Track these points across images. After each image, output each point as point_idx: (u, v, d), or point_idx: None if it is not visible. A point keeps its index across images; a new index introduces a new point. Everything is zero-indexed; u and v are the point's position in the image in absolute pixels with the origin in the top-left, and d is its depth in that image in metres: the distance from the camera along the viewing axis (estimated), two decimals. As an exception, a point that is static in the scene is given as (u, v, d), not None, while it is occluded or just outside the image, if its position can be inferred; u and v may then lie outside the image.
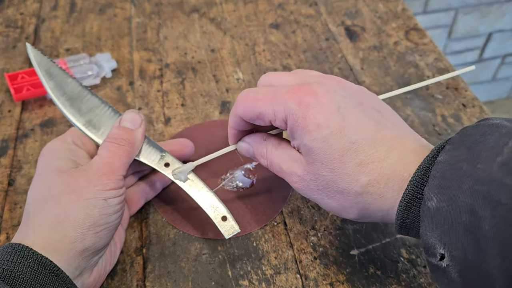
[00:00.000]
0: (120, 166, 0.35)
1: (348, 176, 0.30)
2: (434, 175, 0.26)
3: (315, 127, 0.30)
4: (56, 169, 0.34)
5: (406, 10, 0.62)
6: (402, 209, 0.28)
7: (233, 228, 0.36)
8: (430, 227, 0.26)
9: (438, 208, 0.26)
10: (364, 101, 0.32)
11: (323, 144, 0.30)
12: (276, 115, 0.32)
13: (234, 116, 0.35)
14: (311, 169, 0.31)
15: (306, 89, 0.31)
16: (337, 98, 0.31)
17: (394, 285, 0.36)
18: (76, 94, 0.38)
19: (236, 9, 0.63)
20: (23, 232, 0.32)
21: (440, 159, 0.27)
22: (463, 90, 0.51)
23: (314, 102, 0.31)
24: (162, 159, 0.38)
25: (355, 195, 0.30)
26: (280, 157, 0.34)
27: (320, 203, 0.33)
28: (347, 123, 0.30)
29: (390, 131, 0.31)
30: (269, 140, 0.35)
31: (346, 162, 0.30)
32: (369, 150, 0.30)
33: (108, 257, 0.36)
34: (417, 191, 0.27)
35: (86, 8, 0.63)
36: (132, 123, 0.37)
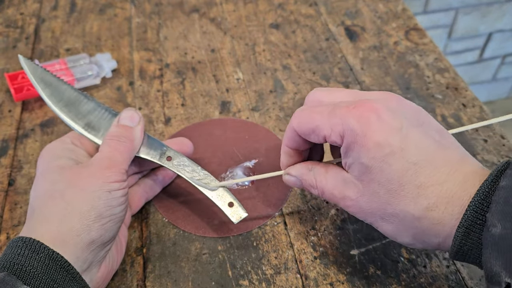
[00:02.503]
0: (121, 161, 0.35)
1: (406, 199, 0.28)
2: (497, 201, 0.26)
3: (375, 145, 0.29)
4: (57, 166, 0.34)
5: (406, 10, 0.62)
6: (461, 235, 0.27)
7: (241, 213, 0.37)
8: (494, 255, 0.25)
9: (502, 235, 0.25)
10: (425, 121, 0.31)
11: (382, 164, 0.29)
12: (332, 129, 0.30)
13: (289, 131, 0.34)
14: (366, 190, 0.30)
15: (367, 106, 0.30)
16: (399, 117, 0.30)
17: (394, 285, 0.36)
18: (73, 99, 0.39)
19: (236, 9, 0.63)
20: (30, 227, 0.32)
21: (503, 184, 0.26)
22: (463, 90, 0.51)
23: (375, 119, 0.29)
24: (164, 154, 0.38)
25: (412, 219, 0.29)
26: (330, 183, 0.32)
27: (375, 225, 0.31)
28: (408, 143, 0.29)
29: (451, 153, 0.30)
30: (316, 168, 0.34)
31: (405, 184, 0.28)
32: (430, 172, 0.28)
33: (115, 254, 0.36)
34: (477, 217, 0.26)
35: (86, 8, 0.63)
36: (131, 120, 0.37)
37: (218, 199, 0.37)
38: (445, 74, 0.53)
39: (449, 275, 0.37)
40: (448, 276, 0.37)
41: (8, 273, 0.29)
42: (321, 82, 0.53)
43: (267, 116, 0.49)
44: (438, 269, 0.37)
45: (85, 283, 0.31)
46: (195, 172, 0.38)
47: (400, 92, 0.51)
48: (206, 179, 0.38)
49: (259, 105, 0.50)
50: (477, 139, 0.46)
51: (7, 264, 0.29)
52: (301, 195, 0.42)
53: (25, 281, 0.29)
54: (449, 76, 0.53)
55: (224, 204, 0.37)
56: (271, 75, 0.54)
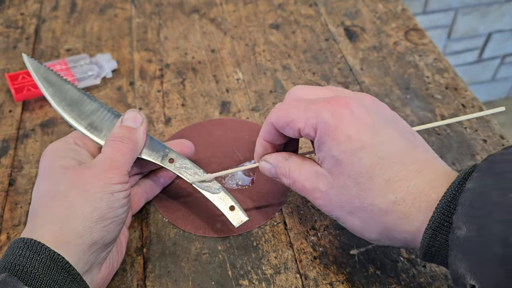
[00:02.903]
0: (124, 162, 0.35)
1: (374, 192, 0.29)
2: (462, 203, 0.26)
3: (346, 139, 0.30)
4: (60, 167, 0.34)
5: (406, 10, 0.62)
6: (428, 236, 0.27)
7: (242, 217, 0.37)
8: (459, 257, 0.25)
9: (467, 237, 0.25)
10: (397, 122, 0.32)
11: (352, 157, 0.29)
12: (306, 123, 0.31)
13: (266, 124, 0.35)
14: (336, 182, 0.31)
15: (342, 101, 0.31)
16: (372, 114, 0.31)
17: (394, 284, 0.36)
18: (76, 99, 0.39)
19: (236, 10, 0.63)
20: (31, 228, 0.32)
21: (469, 186, 0.26)
22: (462, 90, 0.52)
23: (348, 114, 0.30)
24: (166, 156, 0.38)
25: (379, 212, 0.29)
26: (303, 174, 0.33)
27: (342, 221, 0.32)
28: (379, 139, 0.30)
29: (421, 152, 0.30)
30: (292, 158, 0.35)
31: (374, 177, 0.29)
32: (399, 168, 0.29)
33: (116, 255, 0.36)
34: (444, 219, 0.27)
35: (87, 9, 0.64)
36: (134, 122, 0.37)
37: (220, 202, 0.37)
38: (444, 74, 0.53)
39: (448, 275, 0.37)
40: (448, 275, 0.37)
41: (9, 274, 0.29)
42: (321, 82, 0.53)
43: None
44: (437, 269, 0.37)
45: (86, 284, 0.31)
46: (197, 175, 0.38)
47: (400, 93, 0.51)
48: (207, 182, 0.38)
49: (259, 105, 0.51)
50: (476, 139, 0.46)
51: (8, 265, 0.29)
52: (301, 195, 0.42)
53: (26, 282, 0.29)
54: (449, 76, 0.53)
55: (226, 207, 0.37)
56: (271, 76, 0.54)
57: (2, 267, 0.29)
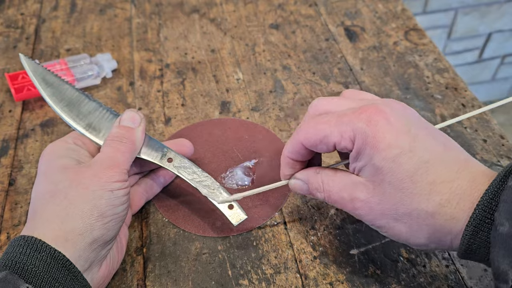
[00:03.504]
0: (123, 161, 0.35)
1: (419, 196, 0.29)
2: (505, 200, 0.26)
3: (385, 146, 0.30)
4: (60, 166, 0.35)
5: (406, 10, 0.62)
6: (469, 233, 0.28)
7: (240, 215, 0.37)
8: (502, 253, 0.26)
9: (510, 234, 0.25)
10: (428, 126, 0.32)
11: (393, 164, 0.29)
12: (342, 136, 0.31)
13: (296, 143, 0.34)
14: (378, 191, 0.31)
15: (374, 109, 0.31)
16: (406, 119, 0.31)
17: (393, 284, 0.36)
18: (74, 99, 0.39)
19: (236, 10, 0.63)
20: (32, 226, 0.32)
21: (511, 184, 0.26)
22: (462, 90, 0.52)
23: (384, 122, 0.30)
24: (165, 155, 0.38)
25: (425, 216, 0.29)
26: (338, 185, 0.33)
27: (386, 229, 0.32)
28: (417, 144, 0.30)
29: (458, 154, 0.31)
30: (323, 171, 0.34)
31: (417, 182, 0.29)
32: (441, 170, 0.29)
33: (116, 254, 0.36)
34: (485, 216, 0.27)
35: (87, 9, 0.64)
36: (132, 121, 0.38)
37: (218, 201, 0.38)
38: (444, 74, 0.53)
39: (448, 275, 0.37)
40: (448, 275, 0.37)
41: (10, 271, 0.29)
42: (321, 82, 0.53)
43: (267, 116, 0.49)
44: (437, 269, 0.37)
45: (86, 282, 0.32)
46: (195, 174, 0.38)
47: (400, 92, 0.51)
48: (206, 181, 0.38)
49: (259, 105, 0.51)
50: (476, 139, 0.46)
51: (9, 263, 0.29)
52: (301, 195, 0.42)
53: (27, 280, 0.29)
54: (449, 76, 0.53)
55: (224, 206, 0.37)
56: (271, 75, 0.54)
57: (3, 265, 0.29)
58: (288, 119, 0.49)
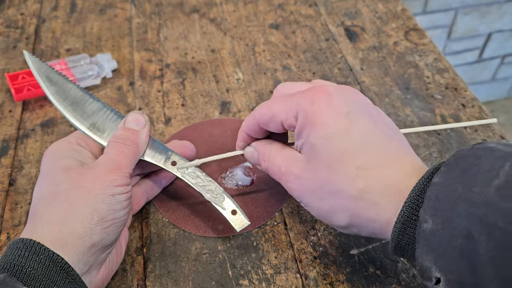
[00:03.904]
0: (126, 164, 0.35)
1: (345, 178, 0.30)
2: (429, 197, 0.26)
3: (321, 124, 0.31)
4: (62, 167, 0.34)
5: (406, 10, 0.62)
6: (398, 230, 0.28)
7: (244, 221, 0.37)
8: (425, 250, 0.26)
9: (433, 230, 0.25)
10: (375, 115, 0.32)
11: (326, 142, 0.30)
12: (287, 114, 0.32)
13: (251, 119, 0.36)
14: (310, 166, 0.31)
15: (319, 90, 0.32)
16: (349, 104, 0.31)
17: (393, 284, 0.36)
18: (78, 98, 0.39)
19: (236, 10, 0.63)
20: (32, 228, 0.32)
21: (435, 180, 0.27)
22: (462, 90, 0.52)
23: (326, 103, 0.31)
24: (169, 158, 0.38)
25: (349, 198, 0.30)
26: (280, 158, 0.34)
27: (311, 206, 0.33)
28: (354, 127, 0.30)
29: (395, 146, 0.31)
30: (274, 144, 0.36)
31: (345, 163, 0.30)
32: (370, 157, 0.30)
33: (115, 256, 0.36)
34: (412, 212, 0.27)
35: (87, 9, 0.64)
36: (136, 124, 0.37)
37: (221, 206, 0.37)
38: (444, 74, 0.53)
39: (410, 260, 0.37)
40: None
41: (8, 274, 0.29)
42: (321, 82, 0.53)
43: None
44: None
45: (84, 285, 0.31)
46: (199, 178, 0.38)
47: (400, 92, 0.51)
48: (210, 186, 0.38)
49: (259, 105, 0.51)
50: (476, 139, 0.46)
51: (7, 266, 0.29)
52: (301, 195, 0.42)
53: (25, 283, 0.29)
54: (449, 76, 0.53)
55: (228, 212, 0.37)
56: (271, 76, 0.54)
57: (1, 267, 0.29)
58: (288, 119, 0.49)
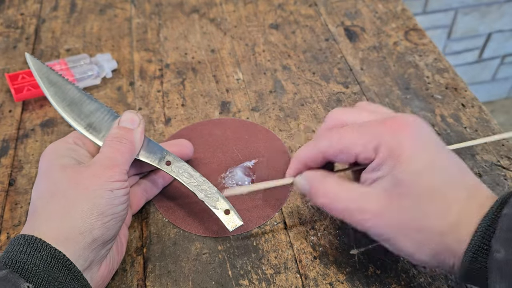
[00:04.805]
0: (123, 162, 0.36)
1: (434, 215, 0.29)
2: (501, 228, 0.27)
3: (408, 159, 0.30)
4: (59, 166, 0.35)
5: (406, 10, 0.62)
6: (468, 259, 0.28)
7: (236, 221, 0.37)
8: (498, 279, 0.26)
9: (506, 260, 0.26)
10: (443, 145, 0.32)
11: (416, 177, 0.30)
12: (365, 146, 0.31)
13: (316, 152, 0.34)
14: (393, 204, 0.30)
15: (400, 122, 0.31)
16: (428, 136, 0.31)
17: (393, 284, 0.36)
18: (76, 99, 0.39)
19: (236, 10, 0.63)
20: (32, 225, 0.32)
21: (505, 212, 0.27)
22: (462, 90, 0.52)
23: (408, 136, 0.31)
24: (164, 158, 0.38)
25: (435, 235, 0.29)
26: (345, 195, 0.32)
27: (392, 242, 0.31)
28: (438, 162, 0.30)
29: (471, 177, 0.31)
30: (331, 177, 0.34)
31: (434, 200, 0.29)
32: (456, 192, 0.30)
33: (116, 254, 0.36)
34: (483, 242, 0.28)
35: (87, 9, 0.64)
36: (131, 123, 0.38)
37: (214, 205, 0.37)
38: (444, 74, 0.53)
39: (448, 275, 0.37)
40: (448, 276, 0.37)
41: (11, 270, 0.29)
42: (321, 82, 0.53)
43: (267, 116, 0.49)
44: (437, 269, 0.37)
45: (86, 281, 0.32)
46: (193, 178, 0.38)
47: (400, 93, 0.51)
48: (204, 186, 0.38)
49: (259, 105, 0.51)
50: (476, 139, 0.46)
51: (9, 262, 0.29)
52: (300, 195, 0.42)
53: (27, 279, 0.29)
54: (449, 76, 0.53)
55: (221, 211, 0.37)
56: (271, 76, 0.54)
57: (3, 263, 0.29)
58: (288, 119, 0.49)
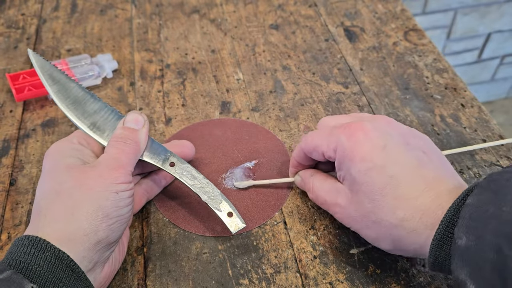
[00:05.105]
0: (128, 162, 0.36)
1: (386, 209, 0.32)
2: (463, 216, 0.29)
3: (360, 160, 0.33)
4: (64, 165, 0.35)
5: (405, 10, 0.62)
6: (435, 247, 0.30)
7: (239, 224, 0.37)
8: (460, 264, 0.28)
9: (467, 246, 0.28)
10: (411, 141, 0.35)
11: (366, 177, 0.33)
12: (328, 146, 0.36)
13: (299, 149, 0.39)
14: (354, 199, 0.34)
15: (357, 126, 0.35)
16: (384, 136, 0.34)
17: (393, 284, 0.37)
18: (80, 97, 0.39)
19: (236, 10, 0.63)
20: (36, 225, 0.32)
21: (469, 201, 0.29)
22: (462, 90, 0.52)
23: (362, 138, 0.34)
24: (168, 159, 0.38)
25: (390, 226, 0.32)
26: (324, 190, 0.38)
27: (360, 233, 0.35)
28: (389, 160, 0.33)
29: (430, 171, 0.33)
30: (316, 175, 0.39)
31: (385, 195, 0.32)
32: (407, 187, 0.32)
33: (118, 254, 0.36)
34: (448, 231, 0.29)
35: (87, 9, 0.64)
36: (136, 123, 0.38)
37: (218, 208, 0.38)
38: (444, 75, 0.54)
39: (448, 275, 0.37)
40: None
41: (15, 271, 0.29)
42: (321, 82, 0.53)
43: (267, 116, 0.50)
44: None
45: (89, 282, 0.32)
46: (196, 180, 0.38)
47: (399, 93, 0.52)
48: (207, 188, 0.38)
49: (259, 106, 0.51)
50: (476, 139, 0.47)
51: (13, 262, 0.29)
52: (300, 195, 0.43)
53: (31, 280, 0.29)
54: (448, 76, 0.53)
55: (224, 213, 0.37)
56: (271, 76, 0.54)
57: (7, 264, 0.30)
58: (288, 119, 0.49)
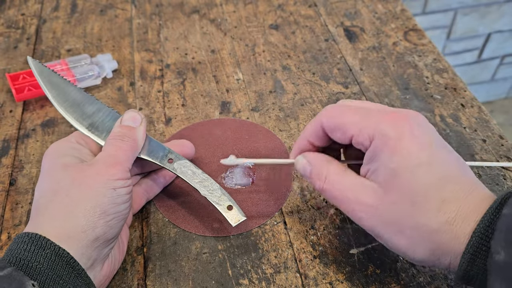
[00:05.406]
0: (125, 159, 0.36)
1: (429, 212, 0.29)
2: (500, 229, 0.26)
3: (406, 153, 0.29)
4: (62, 164, 0.35)
5: (405, 10, 0.62)
6: (466, 261, 0.28)
7: (239, 216, 0.37)
8: (499, 281, 0.26)
9: (506, 262, 0.26)
10: (447, 144, 0.32)
11: (411, 174, 0.29)
12: (361, 131, 0.31)
13: (315, 122, 0.34)
14: (388, 199, 0.30)
15: (403, 115, 0.31)
16: (430, 133, 0.31)
17: (393, 284, 0.36)
18: (78, 100, 0.40)
19: (236, 10, 0.63)
20: (35, 223, 0.33)
21: (505, 212, 0.27)
22: (462, 90, 0.52)
23: (409, 130, 0.30)
24: (166, 156, 0.39)
25: (431, 232, 0.29)
26: (345, 183, 0.32)
27: (385, 238, 0.31)
28: (436, 158, 0.30)
29: (470, 174, 0.31)
30: (334, 163, 0.33)
31: (430, 197, 0.29)
32: (453, 189, 0.29)
33: (117, 254, 0.36)
34: (482, 243, 0.27)
35: (87, 9, 0.64)
36: (133, 121, 0.38)
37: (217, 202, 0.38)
38: (444, 75, 0.54)
39: (448, 275, 0.37)
40: (447, 275, 0.37)
41: (15, 268, 0.29)
42: (321, 82, 0.53)
43: (267, 116, 0.50)
44: (436, 269, 0.37)
45: (89, 279, 0.32)
46: (195, 175, 0.38)
47: (399, 93, 0.52)
48: (206, 182, 0.38)
49: (259, 106, 0.51)
50: (475, 139, 0.47)
51: (13, 259, 0.30)
52: (300, 195, 0.43)
53: (32, 277, 0.29)
54: (448, 76, 0.53)
55: (223, 207, 0.38)
56: (271, 76, 0.54)
57: (7, 261, 0.30)
58: (288, 119, 0.49)
